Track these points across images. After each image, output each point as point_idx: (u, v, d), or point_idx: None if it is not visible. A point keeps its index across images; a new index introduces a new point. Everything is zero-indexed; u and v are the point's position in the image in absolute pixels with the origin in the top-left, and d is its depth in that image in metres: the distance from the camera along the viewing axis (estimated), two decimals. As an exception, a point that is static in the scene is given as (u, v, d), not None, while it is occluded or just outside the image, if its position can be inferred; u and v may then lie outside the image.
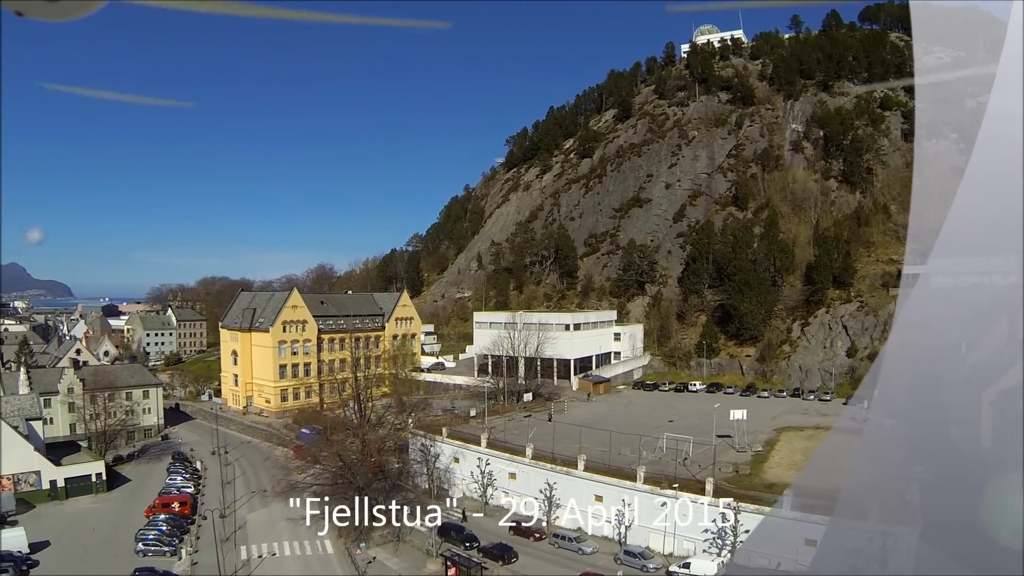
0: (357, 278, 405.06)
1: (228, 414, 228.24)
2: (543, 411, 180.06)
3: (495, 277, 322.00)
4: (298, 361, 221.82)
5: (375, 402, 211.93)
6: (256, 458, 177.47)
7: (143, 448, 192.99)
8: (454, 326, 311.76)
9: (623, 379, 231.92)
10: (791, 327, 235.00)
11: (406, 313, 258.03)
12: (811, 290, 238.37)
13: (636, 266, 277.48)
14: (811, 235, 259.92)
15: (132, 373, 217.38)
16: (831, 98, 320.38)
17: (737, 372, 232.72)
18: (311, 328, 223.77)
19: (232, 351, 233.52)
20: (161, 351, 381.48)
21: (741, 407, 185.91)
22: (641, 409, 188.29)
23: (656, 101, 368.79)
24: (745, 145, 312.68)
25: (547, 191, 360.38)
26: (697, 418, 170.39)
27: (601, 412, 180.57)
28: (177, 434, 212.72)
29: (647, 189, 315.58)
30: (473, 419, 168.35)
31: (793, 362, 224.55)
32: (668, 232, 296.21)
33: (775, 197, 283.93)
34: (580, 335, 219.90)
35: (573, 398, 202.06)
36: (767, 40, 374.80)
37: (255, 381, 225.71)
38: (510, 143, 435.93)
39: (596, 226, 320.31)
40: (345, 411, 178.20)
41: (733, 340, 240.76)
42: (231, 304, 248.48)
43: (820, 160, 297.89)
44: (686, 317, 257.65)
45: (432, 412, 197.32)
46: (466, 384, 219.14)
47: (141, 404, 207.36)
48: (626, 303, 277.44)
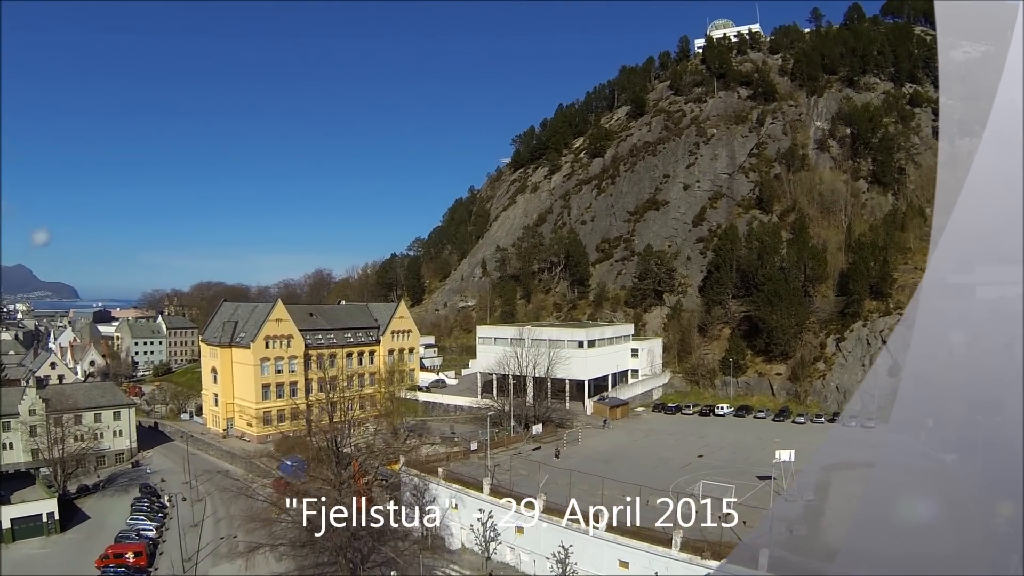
0: (355, 285, 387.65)
1: (207, 437, 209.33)
2: (553, 440, 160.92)
3: (501, 285, 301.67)
4: (283, 380, 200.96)
5: (367, 425, 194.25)
6: (232, 492, 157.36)
7: (111, 477, 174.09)
8: (457, 337, 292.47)
9: (641, 400, 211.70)
10: (825, 342, 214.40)
11: (403, 325, 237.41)
12: (846, 301, 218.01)
13: (653, 274, 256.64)
14: (843, 240, 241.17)
15: (102, 392, 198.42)
16: (857, 94, 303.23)
17: (766, 392, 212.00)
18: (297, 344, 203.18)
19: (212, 368, 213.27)
20: (150, 360, 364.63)
21: (775, 435, 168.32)
22: (664, 439, 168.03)
23: (671, 97, 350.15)
24: (767, 143, 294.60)
25: (556, 193, 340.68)
26: (730, 451, 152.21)
27: (620, 443, 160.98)
28: (150, 459, 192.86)
29: (663, 190, 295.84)
30: (475, 453, 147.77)
31: (829, 382, 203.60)
32: (687, 237, 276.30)
33: (802, 199, 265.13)
34: (595, 353, 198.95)
35: (587, 424, 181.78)
36: (787, 34, 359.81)
37: (236, 402, 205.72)
38: (516, 142, 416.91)
39: (609, 230, 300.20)
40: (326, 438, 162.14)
41: (761, 356, 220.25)
42: (212, 315, 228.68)
43: (848, 159, 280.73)
44: (708, 330, 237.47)
45: (430, 437, 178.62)
46: (468, 406, 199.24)
47: (111, 426, 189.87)
48: (642, 314, 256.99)
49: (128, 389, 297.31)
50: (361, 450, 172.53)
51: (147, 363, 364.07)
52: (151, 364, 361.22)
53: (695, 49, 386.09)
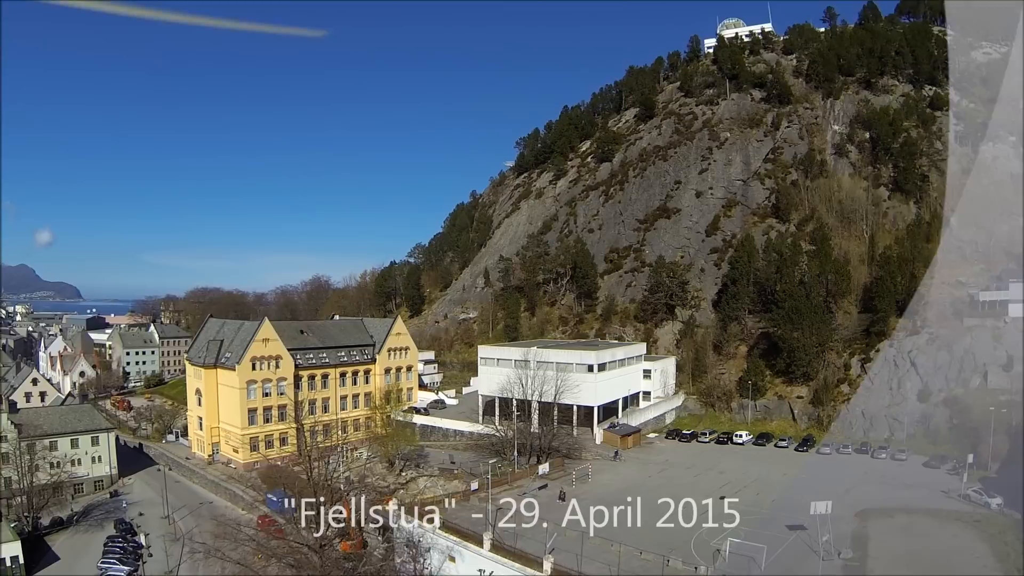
0: (352, 295, 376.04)
1: (192, 462, 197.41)
2: (561, 476, 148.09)
3: (504, 296, 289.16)
4: (271, 404, 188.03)
5: (360, 451, 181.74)
6: (214, 528, 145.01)
7: (86, 509, 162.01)
8: (458, 352, 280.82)
9: (654, 425, 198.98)
10: (849, 363, 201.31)
11: (400, 342, 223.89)
12: (871, 319, 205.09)
13: (665, 286, 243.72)
14: (866, 252, 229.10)
15: (80, 416, 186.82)
16: (875, 96, 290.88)
17: (787, 417, 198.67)
18: (286, 364, 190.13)
19: (196, 390, 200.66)
20: (142, 371, 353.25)
21: (801, 469, 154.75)
22: (681, 473, 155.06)
23: (682, 99, 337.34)
24: (783, 148, 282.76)
25: (562, 199, 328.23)
26: (755, 490, 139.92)
27: (633, 480, 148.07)
28: (131, 487, 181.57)
29: (675, 197, 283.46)
30: (475, 493, 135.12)
31: (854, 406, 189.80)
32: (700, 247, 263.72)
33: (821, 208, 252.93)
34: (606, 377, 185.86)
35: (597, 454, 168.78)
36: (801, 33, 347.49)
37: (222, 426, 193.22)
38: (520, 145, 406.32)
39: (618, 239, 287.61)
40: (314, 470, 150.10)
41: (781, 377, 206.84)
42: (198, 332, 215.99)
43: (868, 165, 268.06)
44: (723, 348, 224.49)
45: (427, 468, 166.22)
46: (469, 431, 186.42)
47: (90, 452, 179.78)
48: (653, 329, 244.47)
49: (116, 403, 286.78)
50: (353, 483, 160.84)
51: (139, 374, 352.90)
52: (143, 375, 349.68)
53: (705, 49, 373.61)
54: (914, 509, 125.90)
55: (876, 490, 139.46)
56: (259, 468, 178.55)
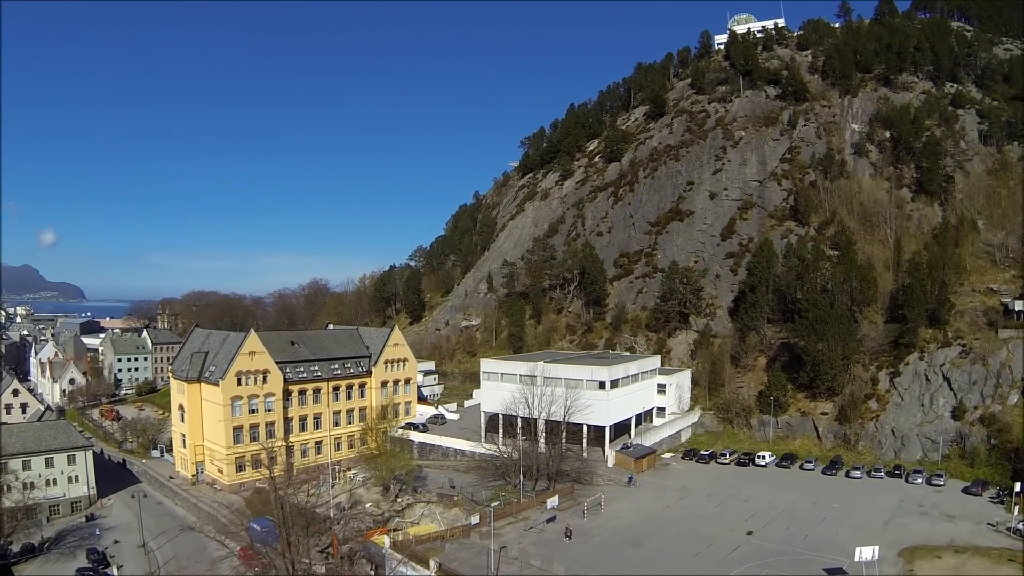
0: (349, 301, 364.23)
1: (175, 482, 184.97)
2: (571, 505, 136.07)
3: (508, 303, 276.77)
4: (258, 421, 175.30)
5: (351, 470, 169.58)
6: (193, 558, 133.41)
7: (59, 535, 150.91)
8: (460, 361, 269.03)
9: (669, 444, 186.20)
10: (876, 377, 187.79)
11: (398, 354, 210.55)
12: (900, 329, 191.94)
13: (678, 293, 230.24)
14: (891, 258, 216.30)
15: (55, 433, 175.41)
16: (894, 94, 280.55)
17: (811, 435, 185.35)
18: (274, 379, 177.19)
19: (179, 405, 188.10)
20: (135, 378, 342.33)
21: (831, 495, 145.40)
22: (702, 502, 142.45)
23: (693, 96, 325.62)
24: (800, 148, 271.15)
25: (568, 200, 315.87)
26: (784, 523, 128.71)
27: (650, 511, 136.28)
28: (108, 510, 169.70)
29: (688, 199, 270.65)
30: (476, 528, 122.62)
31: (883, 424, 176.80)
32: (715, 252, 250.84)
33: (842, 210, 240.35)
34: (619, 394, 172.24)
35: (609, 479, 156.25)
36: (815, 29, 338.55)
37: (206, 444, 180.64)
38: (525, 145, 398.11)
39: (628, 243, 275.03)
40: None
41: (804, 392, 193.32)
42: (183, 344, 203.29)
43: (889, 166, 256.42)
44: (741, 359, 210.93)
45: (425, 493, 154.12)
46: (471, 451, 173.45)
47: (66, 472, 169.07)
48: (666, 339, 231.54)
49: (104, 412, 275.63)
50: (343, 509, 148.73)
51: (131, 381, 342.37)
52: (135, 382, 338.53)
53: (716, 46, 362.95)
54: (962, 547, 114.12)
55: (917, 522, 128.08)
56: (245, 491, 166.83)
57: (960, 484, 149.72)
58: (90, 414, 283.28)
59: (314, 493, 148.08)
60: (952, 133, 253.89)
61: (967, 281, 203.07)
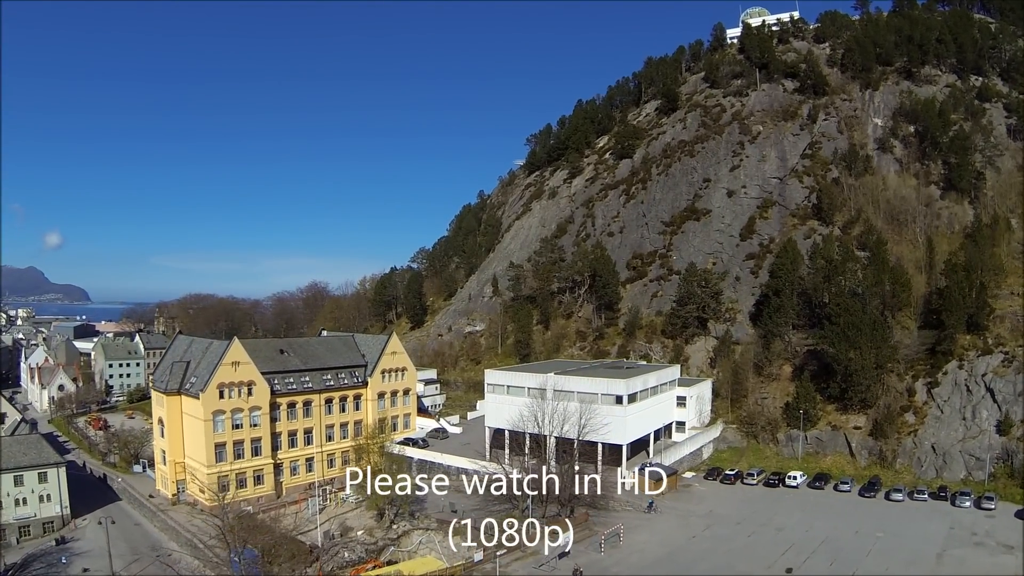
0: (347, 305, 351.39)
1: (156, 501, 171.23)
2: (586, 536, 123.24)
3: (515, 307, 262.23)
4: (242, 437, 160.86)
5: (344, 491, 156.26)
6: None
7: (25, 561, 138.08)
8: (463, 369, 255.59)
9: (690, 462, 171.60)
10: (913, 387, 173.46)
11: (396, 362, 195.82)
12: (936, 336, 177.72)
13: (696, 297, 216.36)
14: (923, 259, 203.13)
15: (26, 449, 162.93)
16: (917, 87, 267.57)
17: (843, 451, 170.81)
18: (260, 392, 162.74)
19: (159, 419, 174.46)
20: (127, 384, 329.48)
21: (874, 522, 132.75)
22: (731, 532, 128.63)
23: (707, 90, 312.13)
24: (821, 143, 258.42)
25: (578, 199, 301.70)
26: (827, 556, 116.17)
27: (674, 543, 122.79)
28: (82, 532, 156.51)
29: (704, 197, 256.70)
30: (479, 566, 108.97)
31: (922, 439, 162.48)
32: (734, 253, 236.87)
33: (867, 208, 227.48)
34: (637, 409, 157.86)
35: (628, 504, 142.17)
36: (833, 21, 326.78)
37: (187, 461, 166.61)
38: (531, 142, 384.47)
39: (641, 244, 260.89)
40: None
41: (834, 404, 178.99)
42: (165, 352, 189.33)
43: (915, 162, 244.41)
44: (765, 368, 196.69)
45: (424, 518, 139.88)
46: (474, 469, 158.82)
47: (36, 490, 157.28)
48: (683, 346, 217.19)
49: (91, 420, 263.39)
50: (333, 537, 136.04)
51: (123, 387, 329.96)
52: (127, 388, 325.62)
53: (728, 40, 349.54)
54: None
55: (973, 555, 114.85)
56: (228, 513, 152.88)
57: (1012, 507, 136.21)
58: (77, 423, 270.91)
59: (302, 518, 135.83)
60: (980, 128, 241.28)
61: (1004, 284, 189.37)
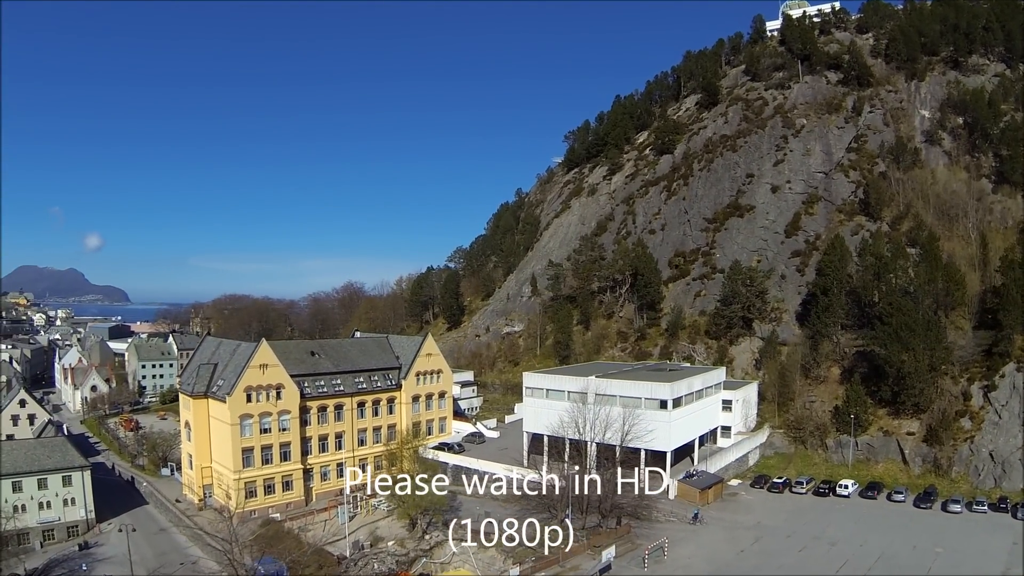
0: (382, 304, 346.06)
1: (183, 505, 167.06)
2: (628, 549, 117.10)
3: (554, 307, 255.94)
4: (270, 442, 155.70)
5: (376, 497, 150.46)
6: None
7: (46, 566, 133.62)
8: (501, 371, 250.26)
9: (735, 469, 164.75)
10: (968, 391, 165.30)
11: (432, 364, 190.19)
12: (993, 337, 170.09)
13: (741, 296, 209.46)
14: (976, 255, 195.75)
15: (50, 451, 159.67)
16: (964, 77, 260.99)
17: (895, 458, 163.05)
18: (289, 395, 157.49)
19: (185, 422, 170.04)
20: (160, 384, 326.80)
21: (932, 536, 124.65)
22: (781, 546, 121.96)
23: (748, 83, 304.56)
24: (867, 136, 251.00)
25: (618, 196, 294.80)
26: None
27: (722, 557, 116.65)
28: (106, 537, 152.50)
29: (747, 193, 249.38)
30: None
31: (979, 446, 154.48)
32: (779, 250, 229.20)
33: (917, 203, 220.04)
34: (681, 414, 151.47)
35: (671, 514, 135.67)
36: (876, 11, 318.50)
37: (214, 466, 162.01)
38: (570, 138, 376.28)
39: (683, 241, 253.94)
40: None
41: (885, 408, 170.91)
42: (193, 353, 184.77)
43: (965, 154, 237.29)
44: (812, 370, 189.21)
45: (458, 525, 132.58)
46: (511, 477, 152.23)
47: (61, 494, 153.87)
48: (728, 347, 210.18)
49: (123, 422, 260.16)
50: (362, 548, 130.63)
51: (155, 388, 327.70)
52: (160, 389, 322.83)
53: (768, 32, 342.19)
54: None
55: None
56: (255, 519, 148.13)
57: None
58: (109, 423, 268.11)
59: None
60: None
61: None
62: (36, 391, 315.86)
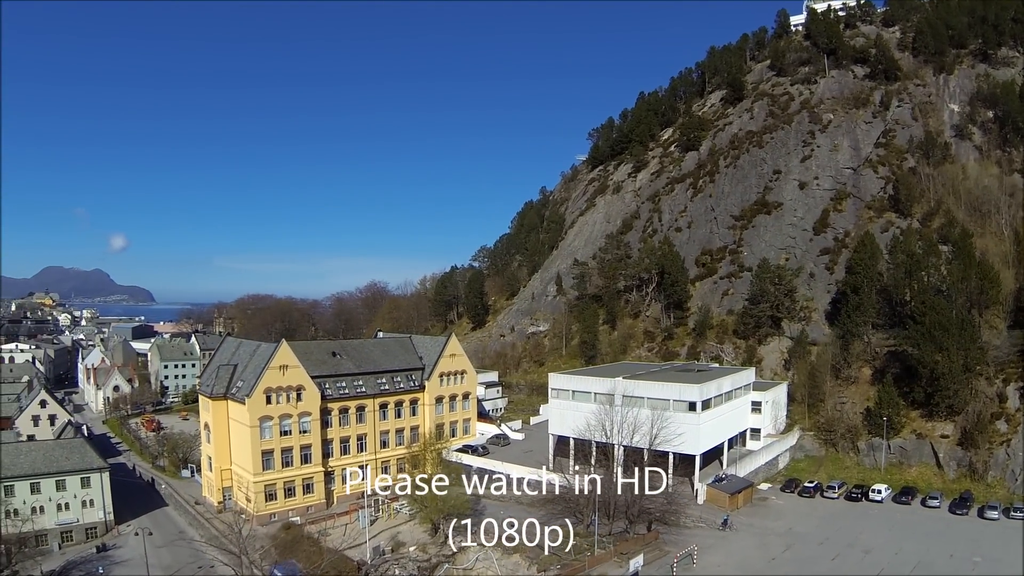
0: (405, 304, 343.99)
1: (201, 508, 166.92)
2: (656, 556, 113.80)
3: (579, 307, 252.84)
4: (291, 444, 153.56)
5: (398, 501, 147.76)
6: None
7: (63, 569, 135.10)
8: (526, 371, 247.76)
9: (765, 472, 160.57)
10: (1004, 392, 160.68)
11: (455, 365, 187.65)
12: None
13: (769, 295, 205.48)
14: (1010, 252, 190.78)
15: (68, 452, 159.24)
16: (994, 70, 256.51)
17: (929, 461, 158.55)
18: (310, 396, 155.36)
19: (205, 424, 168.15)
20: (182, 384, 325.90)
21: (970, 544, 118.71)
22: (814, 554, 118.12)
23: (774, 78, 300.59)
24: (896, 131, 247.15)
25: (643, 193, 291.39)
26: None
27: (752, 565, 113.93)
28: (124, 539, 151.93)
29: (775, 190, 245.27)
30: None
31: (1016, 450, 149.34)
32: (808, 247, 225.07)
33: (948, 199, 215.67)
34: (710, 416, 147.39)
35: (700, 520, 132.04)
36: (902, 3, 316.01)
37: (234, 468, 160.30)
38: (594, 136, 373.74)
39: (710, 239, 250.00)
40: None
41: (918, 410, 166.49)
42: (212, 354, 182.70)
43: (996, 149, 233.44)
44: (843, 370, 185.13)
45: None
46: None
47: (79, 495, 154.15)
48: (756, 346, 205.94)
49: (144, 422, 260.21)
50: (383, 553, 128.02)
51: (178, 388, 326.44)
52: (182, 389, 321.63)
53: (793, 27, 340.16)
54: None
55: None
56: (274, 522, 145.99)
57: None
58: (131, 424, 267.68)
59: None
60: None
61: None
62: (59, 391, 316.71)
